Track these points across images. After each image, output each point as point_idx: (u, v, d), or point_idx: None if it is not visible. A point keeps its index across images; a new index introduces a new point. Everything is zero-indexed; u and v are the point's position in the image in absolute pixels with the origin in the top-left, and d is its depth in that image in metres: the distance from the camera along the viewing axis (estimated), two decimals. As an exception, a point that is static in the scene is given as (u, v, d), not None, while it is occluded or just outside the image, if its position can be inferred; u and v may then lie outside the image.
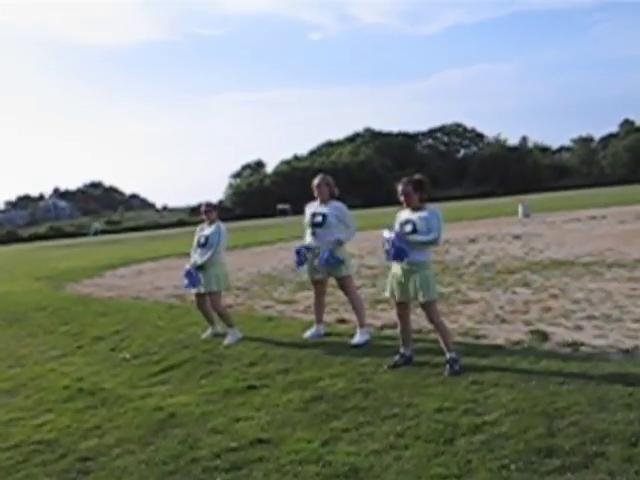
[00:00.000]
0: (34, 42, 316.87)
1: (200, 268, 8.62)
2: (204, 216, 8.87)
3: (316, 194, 8.06)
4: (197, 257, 8.69)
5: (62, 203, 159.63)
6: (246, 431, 5.12)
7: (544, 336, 7.08)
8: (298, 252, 8.04)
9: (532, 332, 7.31)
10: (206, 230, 8.76)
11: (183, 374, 7.16)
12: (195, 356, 7.86)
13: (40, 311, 13.39)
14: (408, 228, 6.27)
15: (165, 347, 8.50)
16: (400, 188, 6.37)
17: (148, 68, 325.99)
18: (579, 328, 7.37)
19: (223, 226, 8.76)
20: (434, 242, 6.26)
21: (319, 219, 7.89)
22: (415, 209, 6.36)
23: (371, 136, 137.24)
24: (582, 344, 6.64)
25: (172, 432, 5.31)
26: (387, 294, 6.64)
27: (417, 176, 6.49)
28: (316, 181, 8.06)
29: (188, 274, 8.68)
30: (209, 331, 8.91)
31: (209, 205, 8.90)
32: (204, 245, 8.66)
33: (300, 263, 8.10)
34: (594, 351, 6.37)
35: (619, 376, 5.42)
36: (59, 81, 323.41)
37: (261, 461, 4.50)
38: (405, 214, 6.44)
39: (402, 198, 6.40)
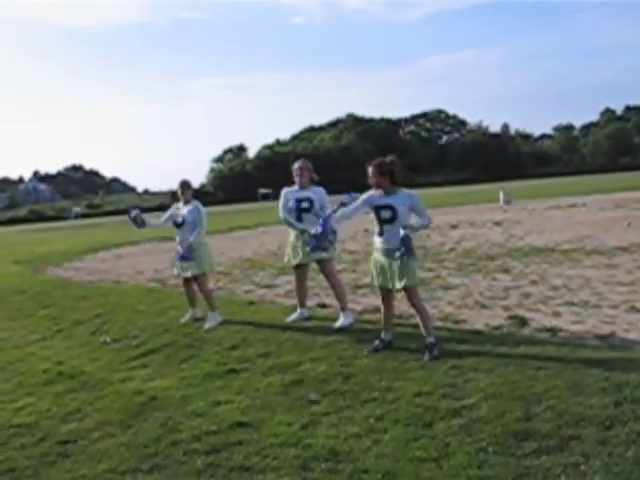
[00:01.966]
0: (13, 23, 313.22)
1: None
2: (179, 192, 8.81)
3: (296, 178, 8.01)
4: (179, 239, 8.64)
5: (42, 186, 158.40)
6: (226, 414, 5.14)
7: (523, 321, 7.15)
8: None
9: (511, 317, 7.37)
10: (183, 209, 8.71)
11: (163, 358, 7.17)
12: (176, 340, 7.86)
13: (19, 295, 13.31)
14: (387, 214, 6.26)
15: (145, 331, 8.49)
16: (369, 170, 6.31)
17: (130, 51, 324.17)
18: (557, 314, 7.44)
19: (201, 206, 8.72)
20: (429, 225, 6.33)
21: (306, 204, 7.87)
22: (388, 192, 6.33)
23: (354, 121, 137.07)
24: (560, 330, 6.71)
25: (152, 415, 5.33)
26: (373, 281, 6.63)
27: (388, 158, 6.37)
28: (297, 165, 8.02)
29: (183, 256, 8.61)
30: (189, 315, 8.90)
31: (185, 183, 8.82)
32: (181, 225, 8.62)
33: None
34: (572, 337, 6.44)
35: (596, 361, 5.49)
36: (40, 63, 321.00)
37: (241, 444, 4.53)
38: (381, 197, 6.34)
39: (372, 181, 6.35)
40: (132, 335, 8.36)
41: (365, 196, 6.44)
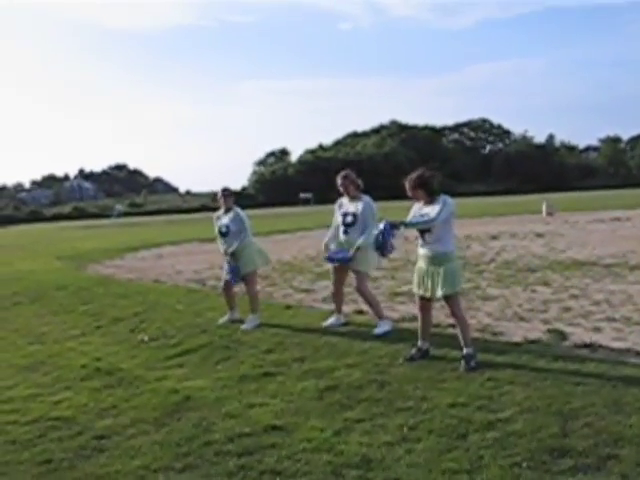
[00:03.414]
0: (68, 24, 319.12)
1: (233, 256, 8.66)
2: (221, 201, 8.88)
3: (342, 191, 8.05)
4: (226, 247, 8.74)
5: (86, 184, 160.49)
6: (260, 417, 5.15)
7: (562, 336, 7.05)
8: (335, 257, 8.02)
9: (550, 331, 7.27)
10: (224, 219, 8.78)
11: (200, 358, 7.22)
12: (212, 341, 7.91)
13: (61, 290, 13.53)
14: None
15: (183, 331, 8.56)
16: (406, 186, 6.35)
17: (177, 53, 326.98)
18: (598, 329, 7.32)
19: (241, 211, 8.78)
20: (429, 222, 6.20)
21: (350, 219, 7.88)
22: (427, 203, 6.32)
23: (397, 128, 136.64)
24: (600, 346, 6.59)
25: (187, 415, 5.36)
26: (414, 289, 6.59)
27: (419, 172, 6.36)
28: (338, 181, 8.03)
29: (233, 270, 8.72)
30: (226, 317, 8.96)
31: (226, 190, 8.91)
32: (226, 234, 8.70)
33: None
34: (612, 353, 6.32)
35: (636, 379, 5.39)
36: (90, 63, 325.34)
37: (273, 447, 4.54)
38: (421, 209, 6.37)
39: (410, 194, 6.39)
40: (169, 334, 8.44)
41: (414, 208, 6.50)
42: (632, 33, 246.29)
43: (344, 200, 8.09)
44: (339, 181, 8.03)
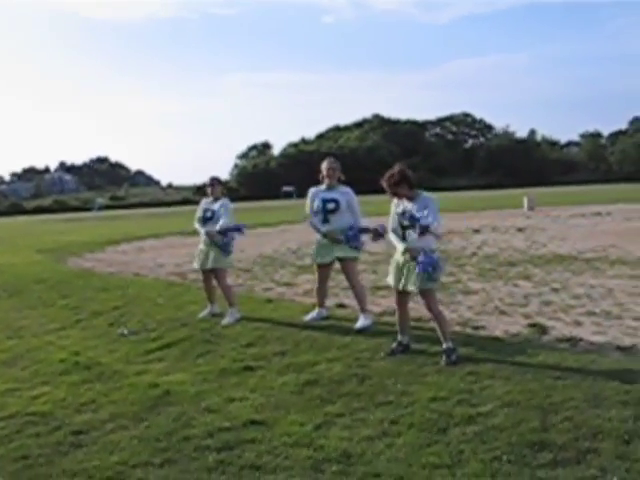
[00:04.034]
0: (46, 15, 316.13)
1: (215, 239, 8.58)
2: (209, 190, 8.84)
3: (326, 179, 7.97)
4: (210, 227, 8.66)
5: (67, 177, 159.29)
6: (240, 412, 5.12)
7: (543, 330, 7.07)
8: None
9: (531, 325, 7.29)
10: (214, 205, 8.72)
11: (180, 352, 7.16)
12: (193, 335, 7.86)
13: (40, 284, 13.40)
14: (405, 221, 6.22)
15: (163, 324, 8.50)
16: (385, 186, 6.28)
17: (159, 45, 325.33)
18: (578, 323, 7.35)
19: (229, 202, 8.74)
20: (434, 229, 6.19)
21: (332, 205, 7.83)
22: (409, 199, 6.27)
23: (379, 122, 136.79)
24: (580, 340, 6.62)
25: (166, 409, 5.32)
26: (389, 281, 6.60)
27: (396, 168, 6.28)
28: (327, 164, 7.94)
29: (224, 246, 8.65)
30: (207, 310, 8.91)
31: (215, 179, 8.89)
32: (211, 219, 8.64)
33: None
34: (592, 347, 6.34)
35: (616, 373, 5.41)
36: (71, 55, 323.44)
37: (253, 442, 4.50)
38: (404, 203, 6.32)
39: (392, 195, 6.33)
40: (150, 328, 8.38)
41: (393, 209, 6.45)
42: (613, 29, 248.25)
43: (322, 187, 8.01)
44: (327, 164, 7.93)
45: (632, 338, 6.61)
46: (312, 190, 8.08)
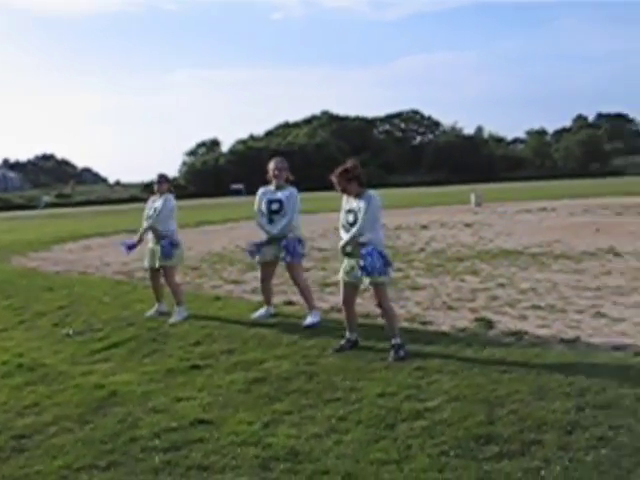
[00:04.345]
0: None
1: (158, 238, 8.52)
2: (156, 187, 8.77)
3: (273, 178, 7.94)
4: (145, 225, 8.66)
5: (11, 174, 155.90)
6: (187, 411, 5.06)
7: (489, 324, 7.15)
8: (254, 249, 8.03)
9: (477, 320, 7.38)
10: (158, 202, 8.66)
11: (126, 352, 7.06)
12: (140, 334, 7.75)
13: (-18, 284, 13.08)
14: (350, 219, 6.25)
15: (109, 324, 8.37)
16: (335, 181, 6.30)
17: (106, 39, 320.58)
18: (524, 317, 7.46)
19: (171, 198, 8.67)
20: (356, 235, 6.21)
21: (276, 206, 7.81)
22: (357, 195, 6.30)
23: (328, 119, 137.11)
24: (526, 333, 6.72)
25: (112, 411, 5.22)
26: (340, 276, 6.58)
27: (347, 164, 6.33)
28: (274, 164, 7.94)
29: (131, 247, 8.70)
30: (154, 309, 8.80)
31: (162, 176, 8.83)
32: (150, 217, 8.60)
33: (253, 254, 8.10)
34: (537, 341, 6.45)
35: (559, 366, 5.51)
36: (12, 50, 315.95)
37: (201, 442, 4.45)
38: (350, 200, 6.36)
39: (340, 190, 6.34)
40: (96, 328, 8.23)
41: (343, 204, 6.46)
42: (559, 29, 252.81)
43: (270, 188, 8.01)
44: (274, 165, 7.92)
45: (575, 331, 6.74)
46: (261, 190, 8.07)
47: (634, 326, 6.89)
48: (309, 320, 7.66)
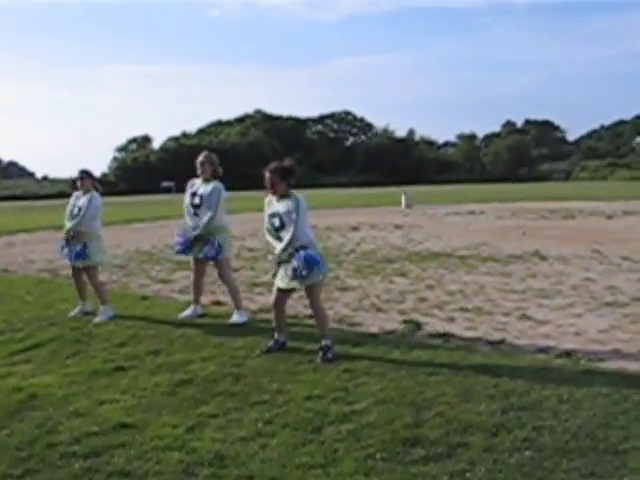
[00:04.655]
0: None
1: (74, 239, 8.26)
2: (78, 183, 8.47)
3: (199, 172, 7.90)
4: (70, 227, 8.33)
5: None
6: (110, 414, 4.91)
7: (417, 326, 7.20)
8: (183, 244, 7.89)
9: (406, 322, 7.41)
10: (80, 200, 8.38)
11: (48, 353, 6.83)
12: (63, 334, 7.52)
13: None
14: (277, 223, 6.19)
15: (31, 324, 8.10)
16: (267, 176, 6.22)
17: (35, 29, 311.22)
18: (451, 319, 7.53)
19: (97, 196, 8.41)
20: (292, 240, 6.14)
21: (197, 200, 7.78)
22: (282, 197, 6.25)
23: (261, 118, 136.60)
24: (453, 335, 6.78)
25: (30, 414, 5.02)
26: (275, 283, 6.47)
27: (285, 163, 6.30)
28: (200, 158, 7.95)
29: (77, 254, 8.32)
30: (78, 308, 8.56)
31: (84, 172, 8.49)
32: (77, 216, 8.31)
33: (182, 252, 7.97)
34: (464, 343, 6.51)
35: (485, 368, 5.57)
36: None
37: (123, 447, 4.32)
38: (273, 203, 6.30)
39: (268, 185, 6.26)
40: (17, 328, 7.95)
41: (266, 207, 6.40)
42: (489, 36, 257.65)
43: (196, 181, 7.95)
44: (200, 158, 7.93)
45: (501, 333, 6.85)
46: (189, 183, 8.02)
47: (557, 328, 7.05)
48: (234, 318, 7.61)
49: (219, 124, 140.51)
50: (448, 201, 38.41)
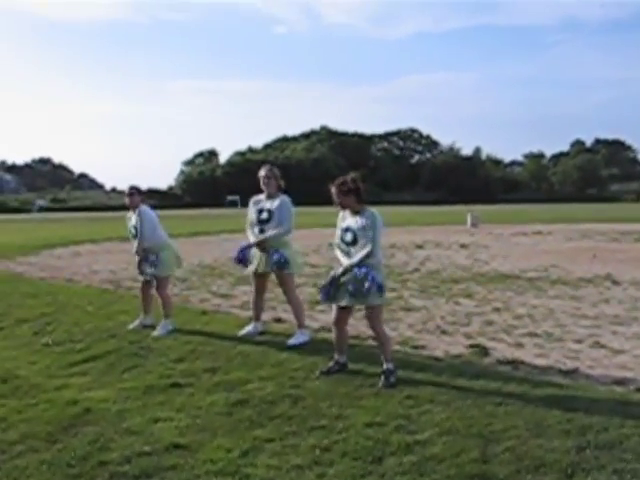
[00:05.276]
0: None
1: (145, 251, 8.22)
2: (127, 200, 8.36)
3: (264, 186, 7.68)
4: (137, 247, 8.28)
5: (7, 177, 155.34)
6: (163, 434, 4.75)
7: (484, 351, 6.87)
8: (242, 255, 7.71)
9: (472, 346, 7.09)
10: (133, 219, 8.32)
11: (105, 366, 6.75)
12: (121, 347, 7.45)
13: (-35, 288, 12.75)
14: (348, 237, 5.96)
15: (91, 335, 8.06)
16: (332, 190, 6.02)
17: (109, 48, 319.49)
18: (520, 345, 7.18)
19: (145, 208, 8.31)
20: (369, 256, 5.90)
21: (265, 215, 7.53)
22: (355, 212, 6.04)
23: (327, 134, 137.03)
24: (522, 362, 6.44)
25: (83, 430, 4.91)
26: (325, 299, 6.27)
27: (349, 177, 6.07)
28: (263, 172, 7.67)
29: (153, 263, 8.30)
30: (138, 321, 8.49)
31: (132, 188, 8.36)
32: (135, 236, 8.28)
33: (242, 262, 7.77)
34: (534, 371, 6.16)
35: (558, 399, 5.21)
36: (15, 55, 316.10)
37: (174, 469, 4.15)
38: (347, 218, 6.09)
39: (335, 200, 6.06)
40: (76, 339, 7.92)
41: (340, 222, 6.18)
42: (559, 54, 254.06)
43: (261, 197, 7.73)
44: (263, 172, 7.65)
45: (574, 362, 6.46)
46: (252, 199, 7.80)
47: (634, 358, 6.62)
48: (294, 340, 7.37)
49: (285, 140, 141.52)
50: (515, 221, 37.66)
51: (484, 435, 4.51)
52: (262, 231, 7.54)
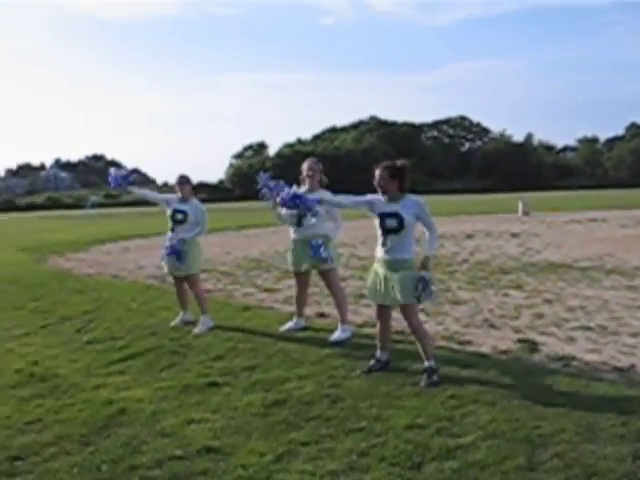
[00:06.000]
0: (45, 14, 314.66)
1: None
2: (177, 188, 8.26)
3: (306, 179, 7.43)
4: (180, 234, 8.14)
5: (63, 174, 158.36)
6: (196, 436, 4.62)
7: (533, 346, 6.57)
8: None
9: (521, 341, 6.80)
10: (183, 205, 8.19)
11: (144, 364, 6.65)
12: (161, 344, 7.35)
13: (14, 284, 12.87)
14: (393, 223, 5.68)
15: (132, 332, 7.99)
16: (377, 173, 5.69)
17: (159, 44, 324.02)
18: (571, 340, 6.86)
19: (198, 205, 8.22)
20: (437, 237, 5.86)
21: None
22: (391, 199, 5.75)
23: (376, 124, 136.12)
24: (573, 358, 6.13)
25: (117, 431, 4.81)
26: (367, 293, 6.09)
27: (400, 161, 5.78)
28: (307, 164, 7.44)
29: (173, 251, 8.13)
30: (179, 318, 8.39)
31: (183, 177, 8.28)
32: (182, 222, 8.13)
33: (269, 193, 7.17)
34: (586, 368, 5.85)
35: (612, 400, 4.91)
36: (70, 52, 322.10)
37: (205, 474, 4.00)
38: (386, 204, 5.75)
39: (377, 183, 5.73)
40: (118, 336, 7.86)
41: (369, 197, 5.89)
42: (612, 35, 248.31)
43: (302, 190, 7.46)
44: (308, 165, 7.42)
45: (629, 358, 6.12)
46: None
47: (695, 354, 6.26)
48: (336, 335, 7.18)
49: (334, 130, 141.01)
50: (568, 208, 36.81)
51: (531, 439, 4.25)
52: (300, 224, 7.35)
